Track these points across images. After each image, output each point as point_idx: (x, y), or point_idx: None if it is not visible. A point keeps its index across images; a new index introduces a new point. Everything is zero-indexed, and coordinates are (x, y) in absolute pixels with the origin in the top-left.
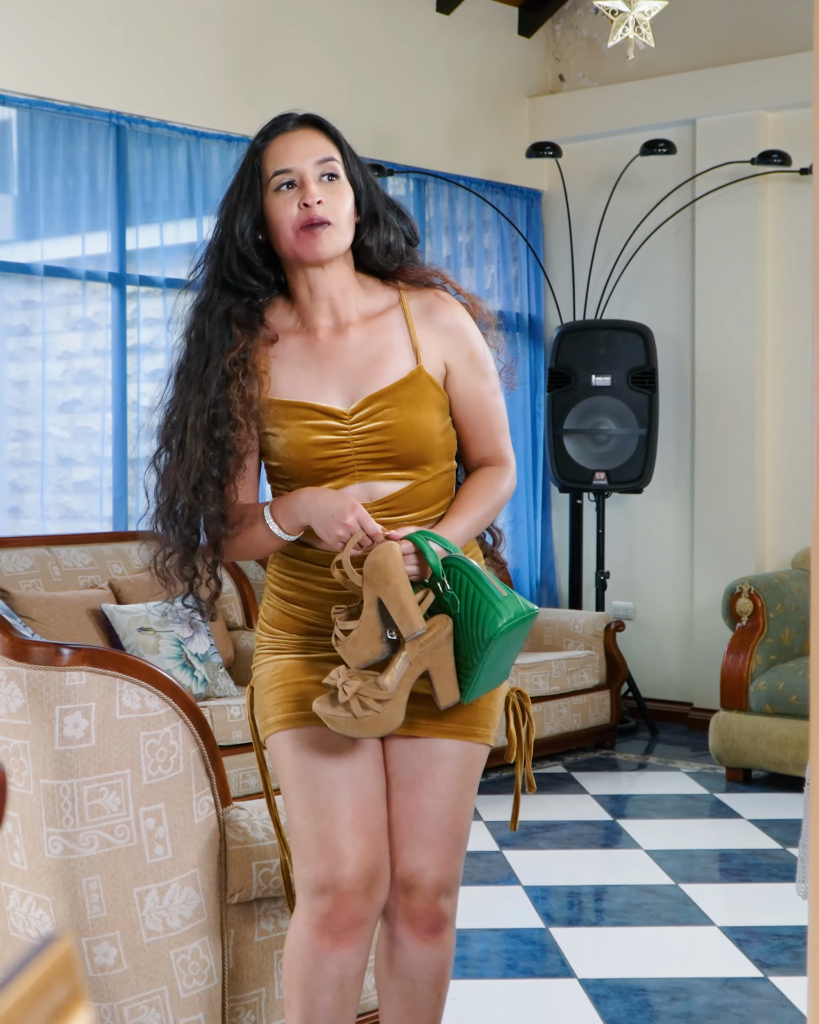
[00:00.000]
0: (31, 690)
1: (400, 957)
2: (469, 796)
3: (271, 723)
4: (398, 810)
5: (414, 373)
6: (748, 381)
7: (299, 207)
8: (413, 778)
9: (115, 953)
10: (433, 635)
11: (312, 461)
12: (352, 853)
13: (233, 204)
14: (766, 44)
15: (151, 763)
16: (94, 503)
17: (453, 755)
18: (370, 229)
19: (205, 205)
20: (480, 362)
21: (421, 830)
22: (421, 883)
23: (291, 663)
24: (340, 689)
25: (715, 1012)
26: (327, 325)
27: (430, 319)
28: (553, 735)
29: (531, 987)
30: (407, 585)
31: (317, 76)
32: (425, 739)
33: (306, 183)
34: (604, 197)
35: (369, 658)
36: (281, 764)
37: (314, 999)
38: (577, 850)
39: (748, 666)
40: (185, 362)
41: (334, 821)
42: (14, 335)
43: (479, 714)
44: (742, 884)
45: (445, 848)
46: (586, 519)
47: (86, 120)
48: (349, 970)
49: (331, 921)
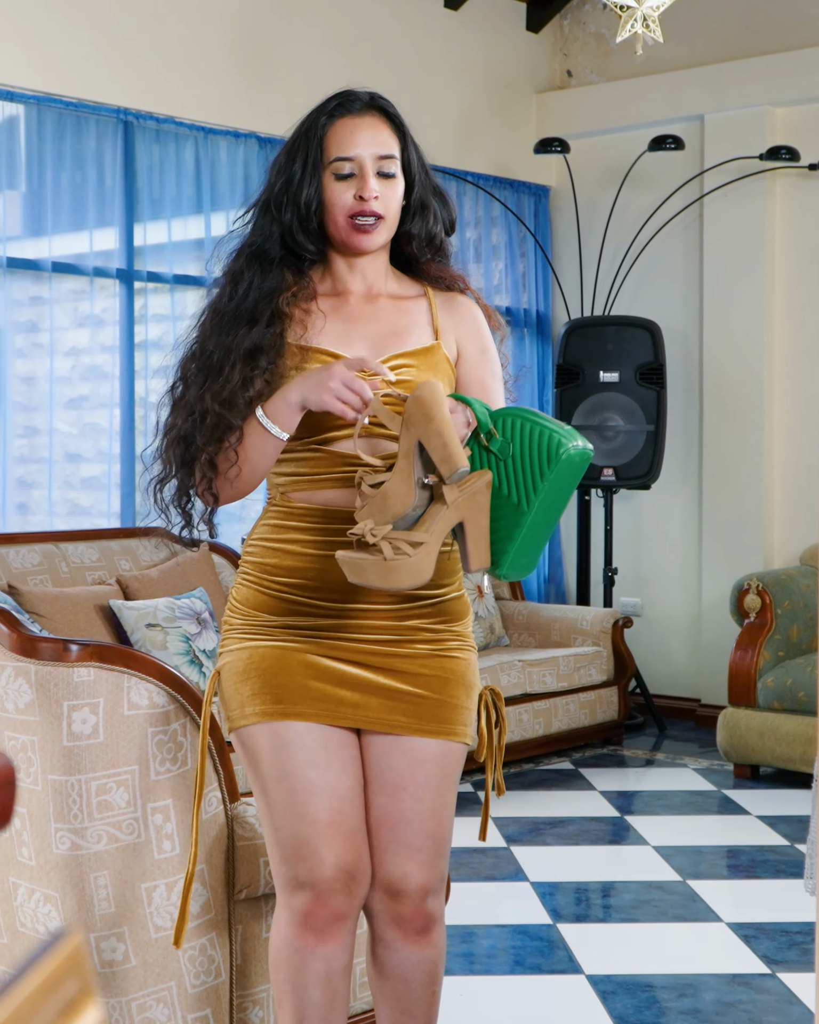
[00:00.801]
0: (39, 686)
1: (391, 959)
2: (450, 797)
3: (248, 714)
4: (380, 815)
5: (433, 346)
6: (756, 377)
7: (355, 198)
8: (395, 782)
9: (123, 949)
10: (473, 480)
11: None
12: (329, 855)
13: (295, 173)
14: (774, 39)
15: (159, 759)
16: (102, 499)
17: (433, 756)
18: (416, 217)
19: (213, 201)
20: (490, 360)
21: (404, 835)
22: (407, 888)
23: (268, 651)
24: (367, 534)
25: (723, 1008)
26: (359, 292)
27: (451, 309)
28: (561, 731)
29: (538, 983)
30: (450, 421)
31: (325, 72)
32: (405, 738)
33: (365, 176)
34: (612, 193)
35: (400, 512)
36: (257, 760)
37: (303, 996)
38: (585, 846)
39: (756, 662)
40: (228, 301)
41: (311, 825)
42: (22, 331)
43: (457, 712)
44: (750, 880)
45: (428, 851)
46: (594, 515)
47: (94, 116)
48: (335, 964)
49: (312, 918)
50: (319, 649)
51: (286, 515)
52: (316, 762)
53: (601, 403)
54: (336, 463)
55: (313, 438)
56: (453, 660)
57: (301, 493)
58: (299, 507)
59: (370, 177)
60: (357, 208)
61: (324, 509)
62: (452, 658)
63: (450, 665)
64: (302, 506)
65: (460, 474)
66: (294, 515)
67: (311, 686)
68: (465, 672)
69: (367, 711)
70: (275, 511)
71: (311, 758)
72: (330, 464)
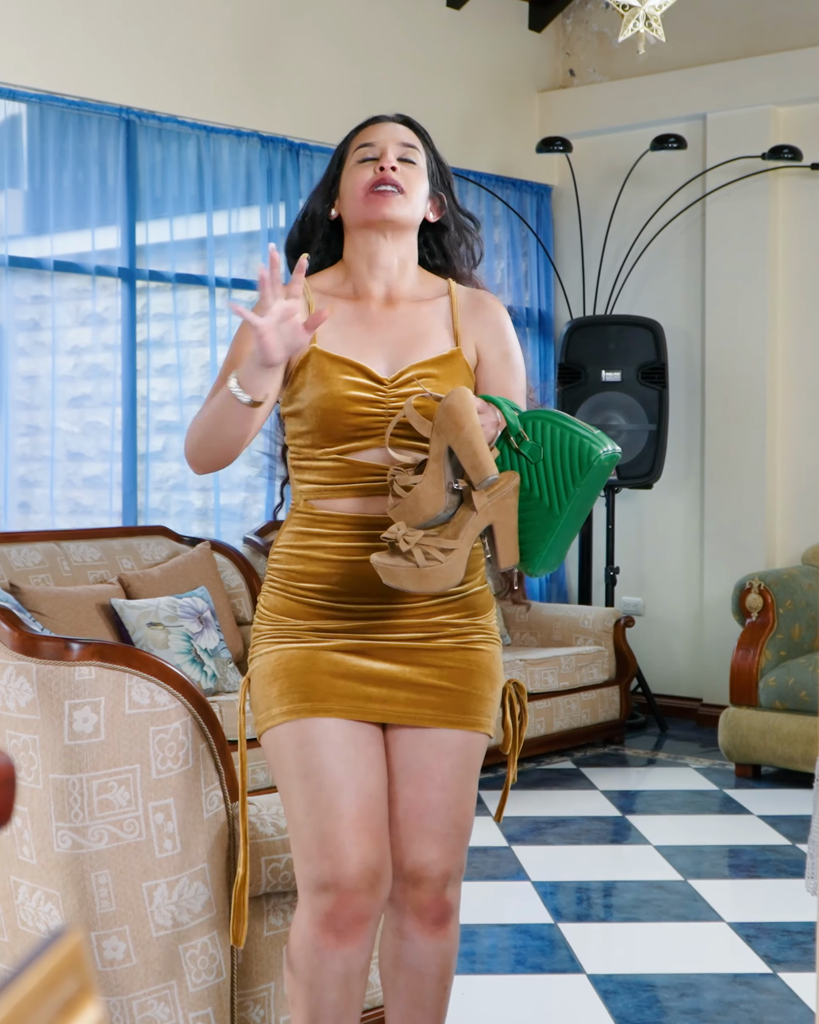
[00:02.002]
0: (40, 685)
1: (407, 951)
2: (473, 786)
3: (274, 714)
4: (406, 806)
5: (453, 353)
6: (759, 376)
7: (374, 171)
8: (422, 772)
9: (124, 948)
10: (502, 485)
11: (346, 415)
12: (355, 852)
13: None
14: (777, 38)
15: (160, 758)
16: (104, 498)
17: (459, 747)
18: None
19: (215, 200)
20: (513, 366)
21: (430, 824)
22: (430, 875)
23: (296, 653)
24: (400, 540)
25: (724, 1008)
26: (379, 296)
27: (475, 311)
28: (562, 731)
29: (540, 983)
30: (480, 429)
31: (327, 71)
32: (432, 730)
33: (385, 154)
34: (614, 192)
35: (431, 514)
36: (283, 758)
37: (320, 997)
38: (586, 846)
39: (758, 662)
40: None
41: (337, 820)
42: (24, 330)
43: (482, 704)
44: (751, 880)
45: (452, 839)
46: (596, 515)
47: (96, 115)
48: (354, 966)
49: (335, 919)
50: (346, 648)
51: (310, 522)
52: (345, 758)
53: (603, 402)
54: (357, 473)
55: (335, 448)
56: (478, 653)
57: (324, 501)
58: (322, 514)
59: (390, 155)
60: (376, 179)
61: (346, 516)
62: (477, 651)
63: (475, 658)
64: (325, 513)
65: (489, 481)
66: (317, 522)
67: (338, 684)
68: (490, 664)
69: (395, 705)
70: (299, 518)
71: (339, 754)
72: (351, 474)
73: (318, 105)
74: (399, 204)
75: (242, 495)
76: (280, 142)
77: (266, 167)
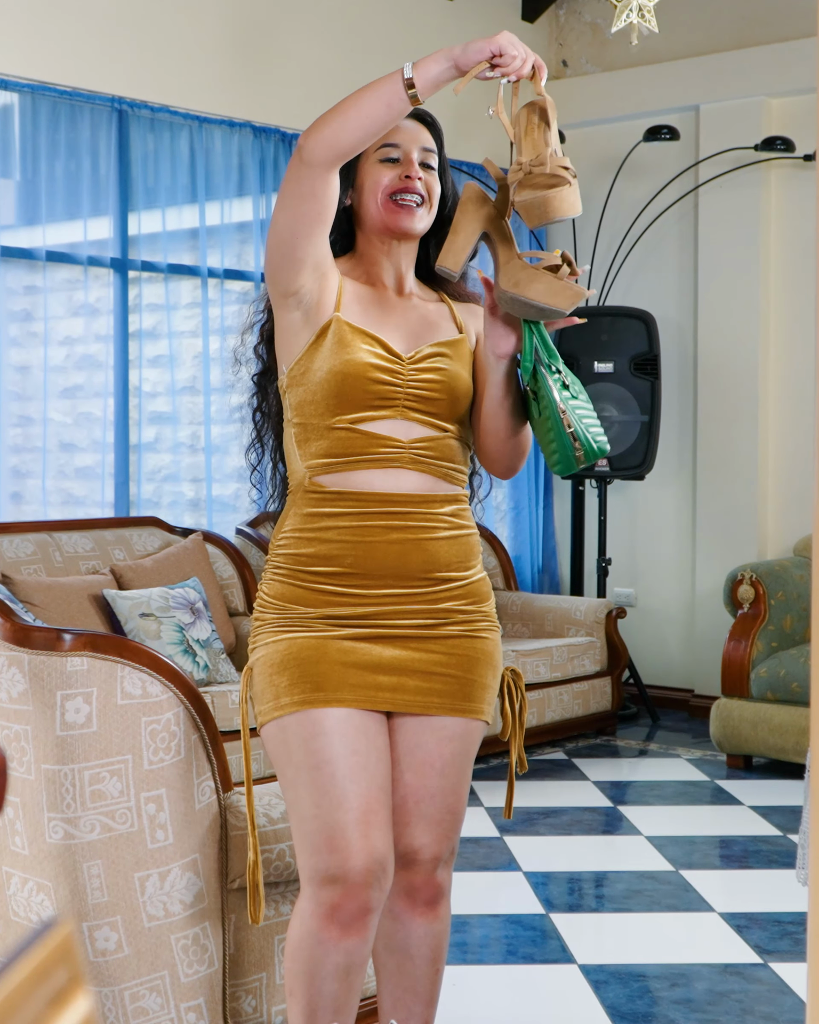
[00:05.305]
0: (32, 675)
1: (398, 932)
2: (469, 772)
3: (283, 704)
4: (405, 792)
5: (461, 339)
6: (751, 368)
7: (400, 178)
8: (424, 759)
9: (116, 938)
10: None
11: (365, 381)
12: (363, 845)
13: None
14: (770, 30)
15: (152, 748)
16: (96, 489)
17: (459, 734)
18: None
19: (207, 190)
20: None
21: (427, 809)
22: (422, 857)
23: (306, 642)
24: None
25: (715, 998)
26: (392, 285)
27: (470, 311)
28: (554, 721)
29: (531, 973)
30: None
31: (320, 61)
32: (435, 717)
33: (410, 161)
34: (607, 183)
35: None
36: (291, 749)
37: (319, 988)
38: (578, 836)
39: (749, 653)
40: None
41: (348, 812)
42: (16, 320)
43: (483, 691)
44: (742, 871)
45: (446, 824)
46: (588, 506)
47: (88, 105)
48: (355, 958)
49: (340, 911)
50: (357, 635)
51: (319, 501)
52: (356, 749)
53: (595, 393)
54: (371, 444)
55: (348, 415)
56: (482, 640)
57: (333, 476)
58: (332, 492)
59: (415, 162)
60: (400, 185)
61: (359, 493)
62: (481, 638)
63: (479, 645)
64: (336, 491)
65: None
66: (327, 500)
67: (349, 673)
68: (493, 652)
69: (404, 693)
70: (306, 499)
71: (351, 745)
72: (366, 445)
73: (311, 95)
74: (420, 219)
75: (234, 486)
76: (273, 132)
77: (259, 158)
